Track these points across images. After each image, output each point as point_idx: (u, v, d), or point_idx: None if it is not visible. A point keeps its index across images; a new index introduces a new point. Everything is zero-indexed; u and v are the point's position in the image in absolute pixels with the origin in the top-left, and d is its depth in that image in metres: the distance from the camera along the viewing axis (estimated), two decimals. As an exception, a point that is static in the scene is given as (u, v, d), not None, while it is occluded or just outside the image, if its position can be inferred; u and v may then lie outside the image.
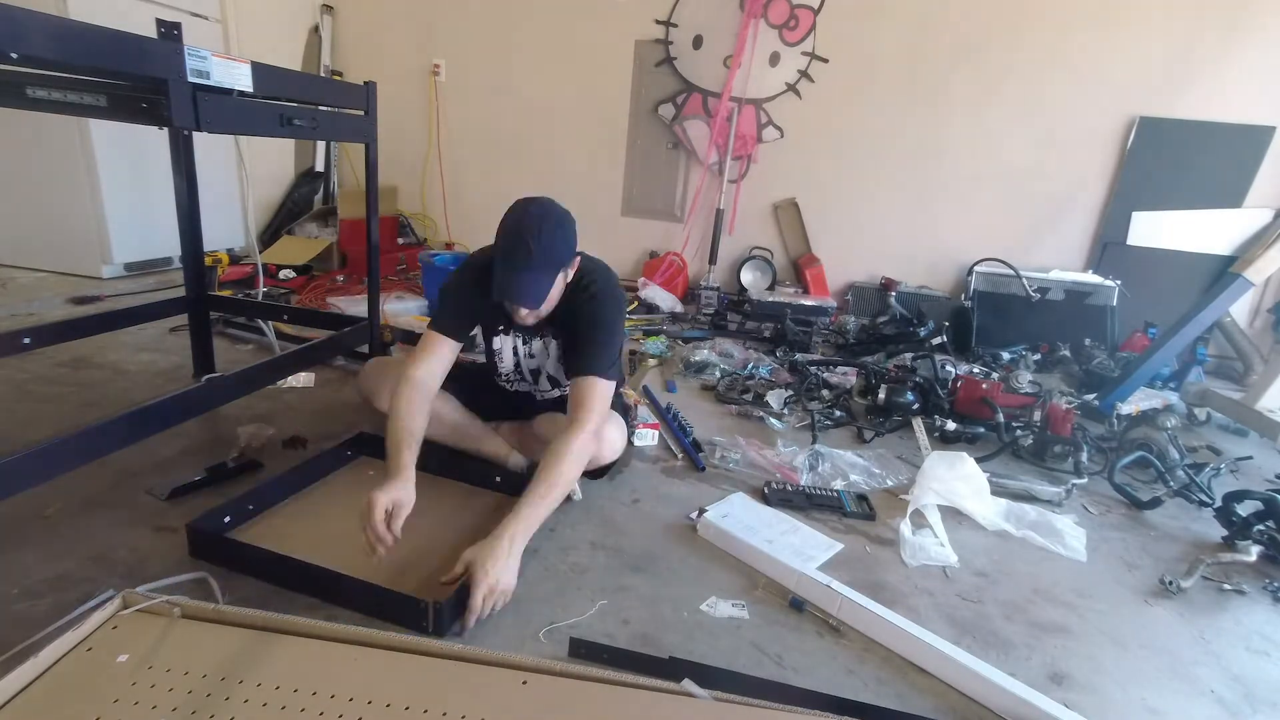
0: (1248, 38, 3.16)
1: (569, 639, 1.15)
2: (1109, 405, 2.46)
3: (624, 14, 3.84)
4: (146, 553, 1.30)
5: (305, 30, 4.20)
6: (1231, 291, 2.38)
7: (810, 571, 1.36)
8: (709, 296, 3.78)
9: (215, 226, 3.28)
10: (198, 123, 1.28)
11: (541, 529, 1.50)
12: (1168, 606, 1.47)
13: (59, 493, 1.44)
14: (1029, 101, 3.48)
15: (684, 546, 1.50)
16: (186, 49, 1.24)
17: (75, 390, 2.00)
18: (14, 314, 2.62)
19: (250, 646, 1.00)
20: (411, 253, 3.97)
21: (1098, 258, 3.55)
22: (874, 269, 3.87)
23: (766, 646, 1.22)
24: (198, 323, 2.08)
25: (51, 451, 1.11)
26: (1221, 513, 1.78)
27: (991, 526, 1.70)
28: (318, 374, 2.27)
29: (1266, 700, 1.22)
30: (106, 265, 3.20)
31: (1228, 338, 3.34)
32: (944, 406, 2.34)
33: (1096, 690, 1.20)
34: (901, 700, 1.12)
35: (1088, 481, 2.00)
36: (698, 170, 4.00)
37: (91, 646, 0.98)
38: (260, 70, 1.40)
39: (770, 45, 3.73)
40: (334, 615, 1.17)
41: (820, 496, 1.75)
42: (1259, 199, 3.32)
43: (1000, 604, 1.42)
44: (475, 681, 0.97)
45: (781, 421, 2.25)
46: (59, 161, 3.05)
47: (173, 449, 1.69)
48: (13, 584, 1.18)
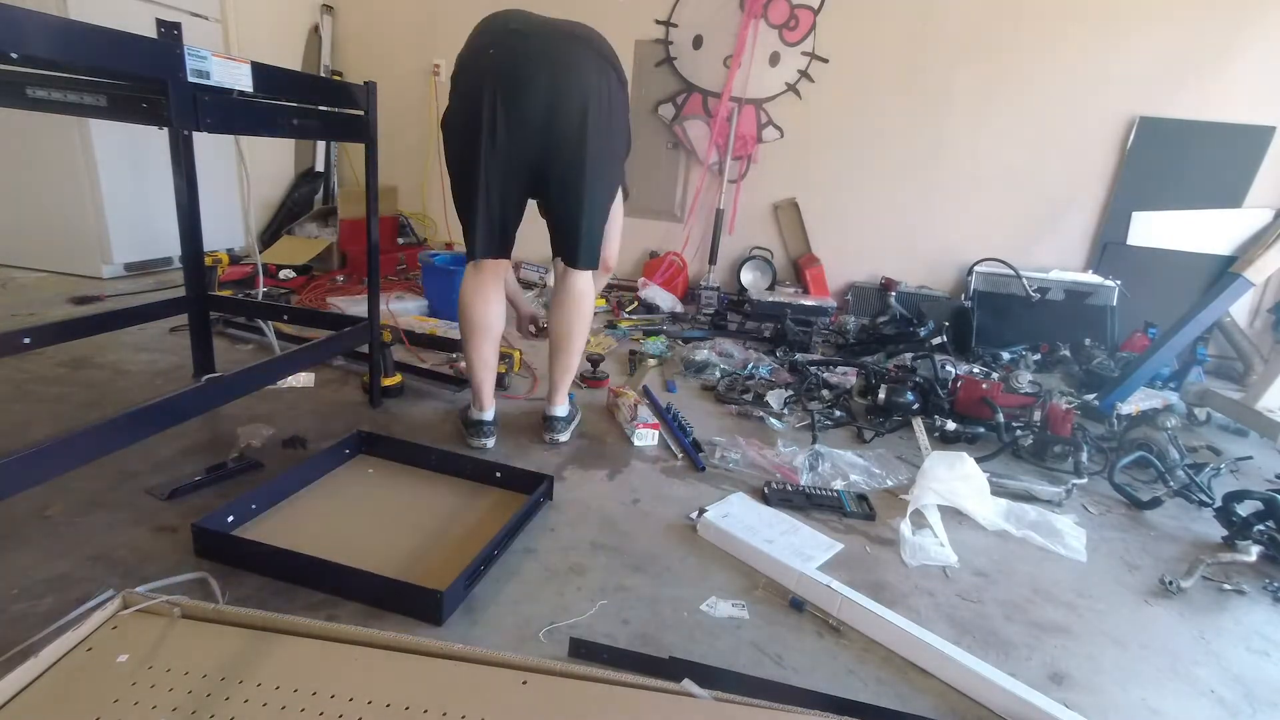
0: (1248, 38, 3.16)
1: (569, 639, 1.15)
2: (1109, 405, 2.46)
3: (624, 14, 3.84)
4: (146, 553, 1.30)
5: (305, 30, 4.21)
6: (1231, 291, 2.38)
7: (810, 571, 1.36)
8: (709, 296, 3.79)
9: (215, 226, 3.28)
10: (198, 123, 1.28)
11: (542, 529, 1.51)
12: (1168, 606, 1.47)
13: (59, 493, 1.44)
14: (1029, 101, 3.48)
15: (684, 546, 1.50)
16: (186, 49, 1.24)
17: (75, 390, 2.00)
18: (14, 314, 2.62)
19: (250, 646, 1.00)
20: (411, 253, 3.97)
21: (1098, 258, 3.55)
22: (874, 269, 3.87)
23: (766, 646, 1.22)
24: (197, 323, 2.08)
25: (51, 451, 1.11)
26: (1221, 513, 1.78)
27: (991, 526, 1.70)
28: (318, 374, 2.28)
29: (1266, 700, 1.22)
30: (106, 265, 3.20)
31: (1228, 338, 3.34)
32: (944, 406, 2.34)
33: (1096, 690, 1.20)
34: (902, 700, 1.12)
35: (1088, 481, 2.00)
36: (698, 170, 4.00)
37: (91, 646, 0.98)
38: (260, 70, 1.40)
39: (770, 45, 3.73)
40: (335, 615, 1.17)
41: (820, 496, 1.75)
42: (1259, 199, 3.32)
43: (1000, 604, 1.42)
44: (475, 681, 0.97)
45: (781, 421, 2.25)
46: (59, 161, 3.05)
47: (173, 449, 1.69)
48: (12, 584, 1.18)
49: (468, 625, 1.19)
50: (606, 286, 4.03)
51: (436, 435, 1.93)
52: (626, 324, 3.34)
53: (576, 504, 1.64)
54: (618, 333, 3.20)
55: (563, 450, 1.92)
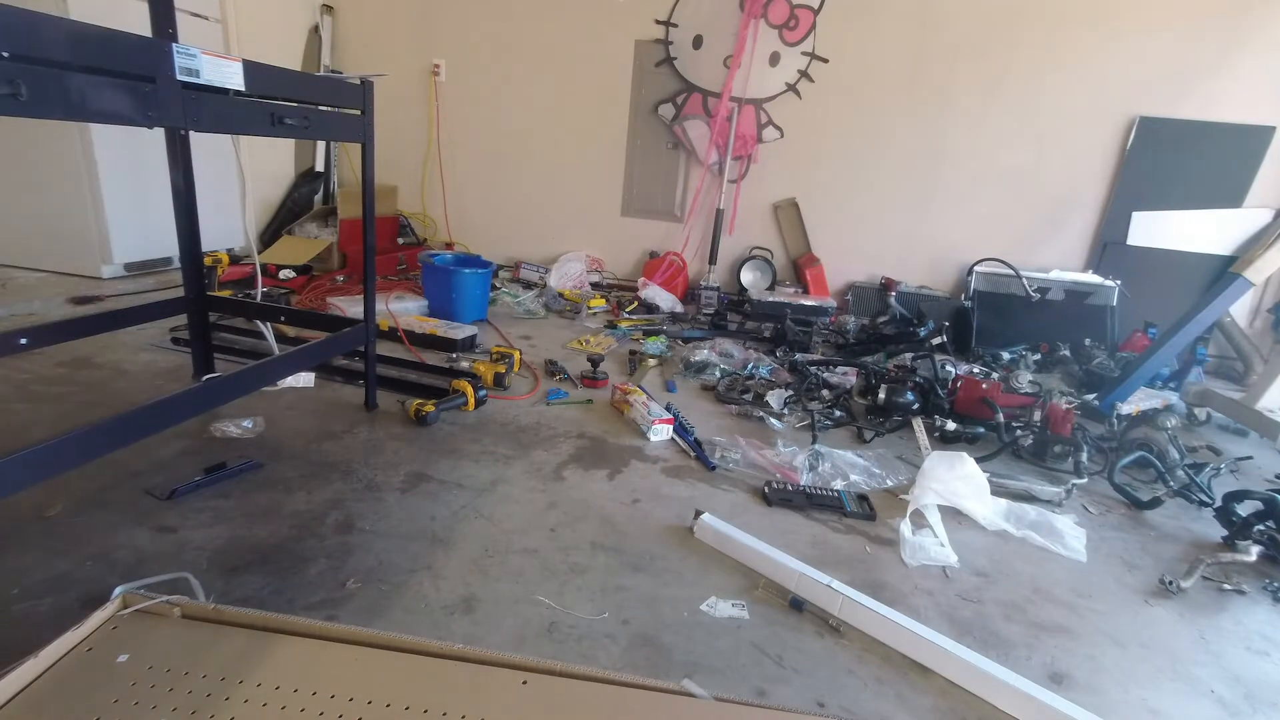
0: (1248, 38, 3.16)
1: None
2: (1109, 405, 2.46)
3: (624, 14, 3.84)
4: (146, 553, 1.30)
5: (305, 30, 4.20)
6: (1231, 291, 2.38)
7: (810, 571, 1.36)
8: (709, 296, 3.79)
9: (215, 226, 3.29)
10: (186, 121, 1.27)
11: (541, 529, 1.50)
12: (1168, 606, 1.47)
13: (59, 493, 1.44)
14: (1029, 101, 3.48)
15: (684, 547, 1.50)
16: (175, 47, 1.23)
17: (75, 390, 2.00)
18: (14, 314, 2.62)
19: (250, 646, 1.00)
20: (411, 253, 3.97)
21: (1098, 258, 3.55)
22: (874, 269, 3.87)
23: (766, 646, 1.22)
24: (197, 323, 2.08)
25: (51, 451, 1.11)
26: (1221, 513, 1.78)
27: (991, 526, 1.70)
28: (318, 374, 2.27)
29: (1266, 700, 1.22)
30: (106, 265, 3.20)
31: (1228, 338, 3.34)
32: (944, 406, 2.34)
33: (1096, 690, 1.20)
34: (901, 700, 1.12)
35: (1088, 481, 2.00)
36: (698, 170, 4.00)
37: (91, 646, 0.98)
38: (252, 69, 1.39)
39: (770, 45, 3.73)
40: (335, 615, 1.18)
41: (820, 496, 1.75)
42: (1259, 199, 3.32)
43: (1000, 604, 1.42)
44: (475, 681, 0.97)
45: (781, 421, 2.25)
46: (59, 161, 3.05)
47: (173, 449, 1.69)
48: (12, 584, 1.18)
49: (468, 625, 1.19)
50: (607, 286, 4.03)
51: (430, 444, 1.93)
52: (626, 324, 3.34)
53: (576, 504, 1.64)
54: (618, 333, 3.20)
55: (563, 450, 1.92)
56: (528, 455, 1.87)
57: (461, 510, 1.57)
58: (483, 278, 3.17)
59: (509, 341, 2.91)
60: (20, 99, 0.97)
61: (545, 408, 2.21)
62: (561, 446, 1.94)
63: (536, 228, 4.31)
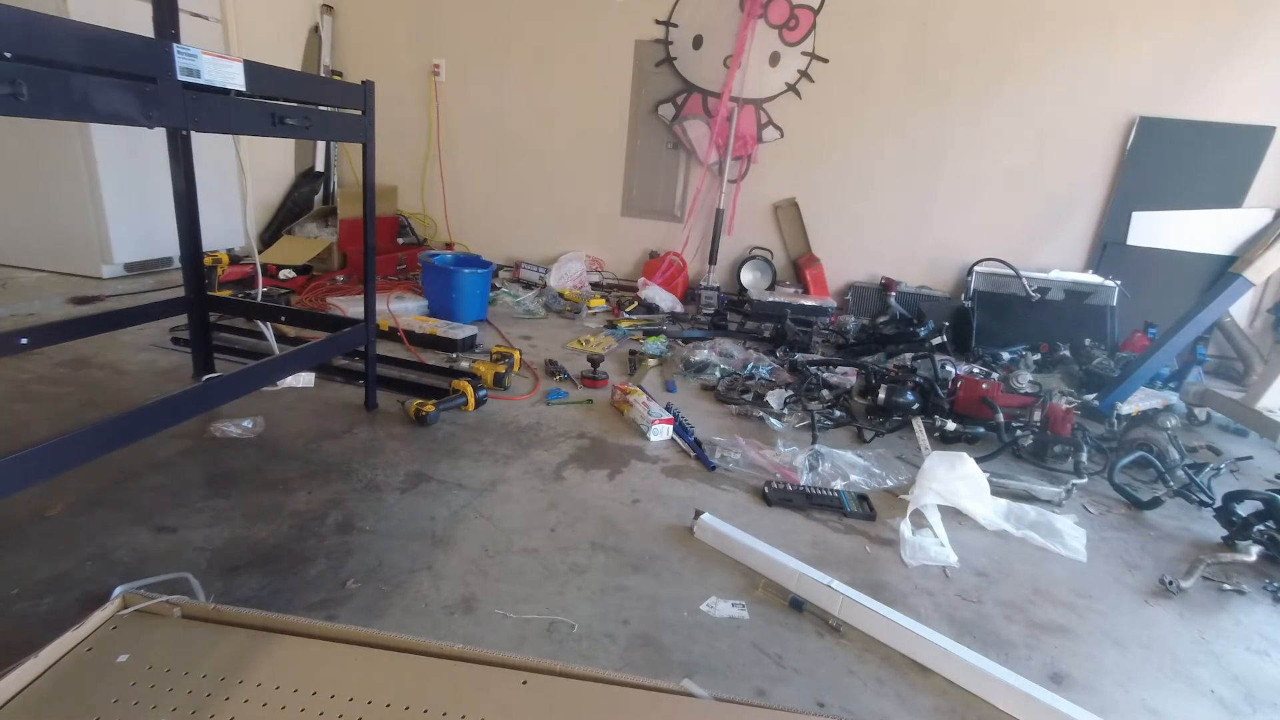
0: (1248, 38, 3.16)
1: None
2: (1109, 405, 2.46)
3: (624, 14, 3.84)
4: (146, 553, 1.30)
5: (305, 30, 4.20)
6: (1231, 291, 2.38)
7: (810, 571, 1.36)
8: (709, 296, 3.78)
9: (215, 226, 3.29)
10: (187, 122, 1.27)
11: (541, 529, 1.50)
12: (1168, 606, 1.47)
13: (59, 492, 1.44)
14: (1029, 101, 3.48)
15: (684, 547, 1.50)
16: (176, 48, 1.23)
17: (75, 390, 2.00)
18: (14, 314, 2.62)
19: (250, 646, 1.00)
20: (411, 253, 3.97)
21: (1098, 258, 3.55)
22: (874, 269, 3.87)
23: (766, 646, 1.22)
24: (197, 323, 2.08)
25: (51, 451, 1.11)
26: (1221, 513, 1.78)
27: (991, 526, 1.70)
28: (318, 374, 2.27)
29: (1266, 700, 1.22)
30: (106, 265, 3.20)
31: (1228, 338, 3.34)
32: (944, 406, 2.34)
33: (1096, 690, 1.20)
34: (901, 700, 1.12)
35: (1088, 481, 2.00)
36: (698, 170, 4.00)
37: (91, 646, 0.98)
38: (253, 69, 1.39)
39: (770, 45, 3.73)
40: (335, 615, 1.18)
41: (820, 496, 1.75)
42: (1259, 199, 3.32)
43: (1000, 604, 1.42)
44: (475, 681, 0.97)
45: (781, 421, 2.25)
46: (59, 161, 3.04)
47: (173, 449, 1.69)
48: (12, 584, 1.18)
49: (468, 625, 1.19)
50: (607, 286, 4.03)
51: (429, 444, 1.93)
52: (626, 324, 3.34)
53: (576, 504, 1.64)
54: (618, 333, 3.20)
55: (563, 450, 1.92)
56: (528, 455, 1.87)
57: (461, 510, 1.57)
58: (483, 278, 3.17)
59: (509, 341, 2.91)
60: (21, 99, 0.96)
61: (545, 408, 2.22)
62: (561, 446, 1.94)
63: (536, 227, 4.31)
